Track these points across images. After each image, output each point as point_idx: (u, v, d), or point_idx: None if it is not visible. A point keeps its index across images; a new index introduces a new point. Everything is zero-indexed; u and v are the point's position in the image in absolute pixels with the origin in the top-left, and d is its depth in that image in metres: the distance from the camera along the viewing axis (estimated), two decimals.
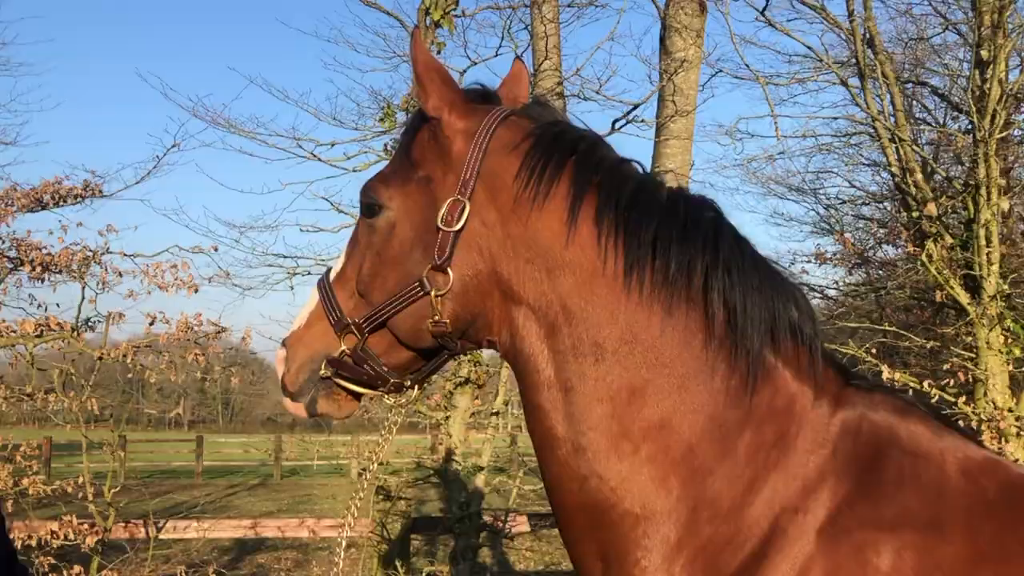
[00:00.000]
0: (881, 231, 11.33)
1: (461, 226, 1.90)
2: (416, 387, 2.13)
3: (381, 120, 6.47)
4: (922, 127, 9.80)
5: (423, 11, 5.87)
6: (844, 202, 11.72)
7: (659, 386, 1.83)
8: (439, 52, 6.02)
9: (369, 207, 2.04)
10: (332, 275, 2.16)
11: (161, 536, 7.04)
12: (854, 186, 13.66)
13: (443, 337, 1.98)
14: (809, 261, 14.52)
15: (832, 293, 13.31)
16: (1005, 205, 7.16)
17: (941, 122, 9.93)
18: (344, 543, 2.21)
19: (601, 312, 1.85)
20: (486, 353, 5.75)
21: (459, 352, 2.10)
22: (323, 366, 2.09)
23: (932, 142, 9.57)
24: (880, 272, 11.24)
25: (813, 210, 14.12)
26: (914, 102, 11.45)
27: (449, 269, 1.91)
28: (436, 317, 1.93)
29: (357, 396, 2.15)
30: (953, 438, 1.89)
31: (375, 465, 2.43)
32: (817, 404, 1.86)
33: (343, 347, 2.07)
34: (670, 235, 1.85)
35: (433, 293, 1.91)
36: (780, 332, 1.86)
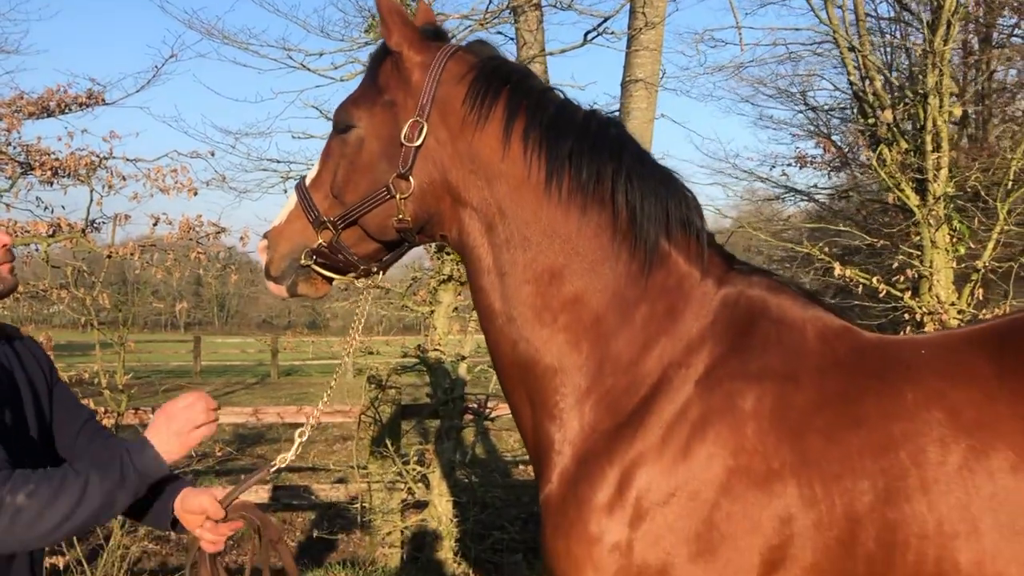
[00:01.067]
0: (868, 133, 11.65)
1: (420, 142, 2.34)
2: (380, 272, 2.59)
3: (367, 31, 6.79)
4: (883, 36, 10.04)
5: None
6: (831, 109, 11.99)
7: (574, 270, 2.32)
8: None
9: (342, 124, 2.45)
10: (308, 180, 2.55)
11: None
12: (839, 89, 13.94)
13: (405, 232, 2.44)
14: (790, 164, 14.92)
15: (820, 198, 13.70)
16: (958, 112, 7.54)
17: (903, 29, 10.18)
18: (307, 433, 2.56)
19: (528, 212, 2.32)
20: None
21: (416, 244, 2.56)
22: (303, 256, 2.50)
23: (891, 46, 9.82)
24: (860, 174, 11.62)
25: (801, 113, 14.39)
26: (876, 8, 11.62)
27: (411, 177, 2.35)
28: (400, 216, 2.39)
29: (330, 280, 2.57)
30: (815, 310, 2.39)
31: (350, 356, 2.84)
32: (703, 283, 2.35)
33: (320, 240, 2.48)
34: (582, 149, 2.31)
35: (398, 197, 2.36)
36: (673, 226, 2.35)
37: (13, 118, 6.37)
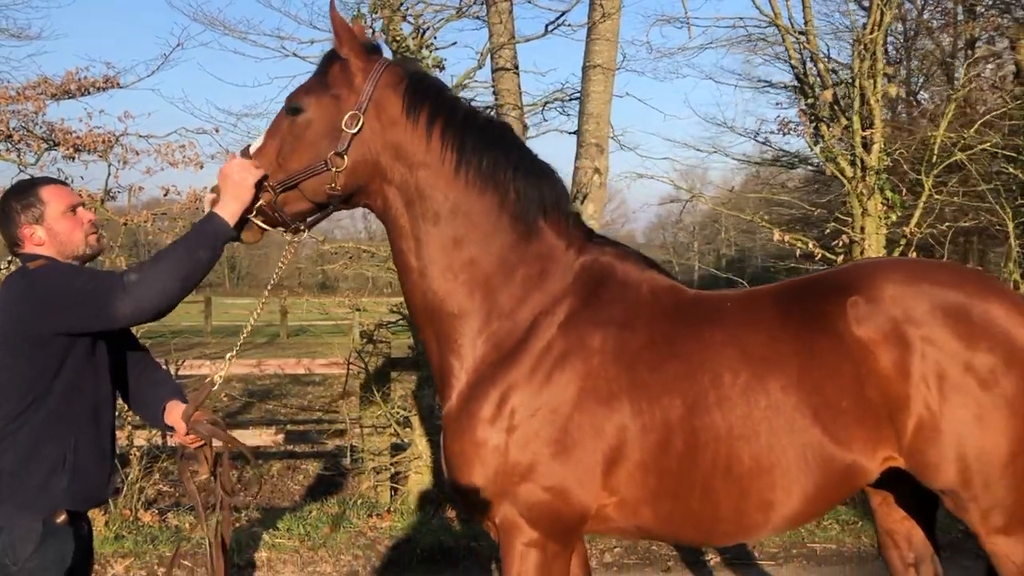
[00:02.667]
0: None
1: (357, 130, 2.99)
2: (306, 230, 3.22)
3: (353, 20, 7.53)
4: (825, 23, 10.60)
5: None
6: (786, 87, 12.59)
7: (472, 239, 3.06)
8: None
9: (294, 108, 3.05)
10: (252, 150, 3.07)
11: (181, 373, 8.37)
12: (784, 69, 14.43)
13: (333, 198, 3.07)
14: (773, 133, 15.56)
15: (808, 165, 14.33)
16: (893, 92, 8.24)
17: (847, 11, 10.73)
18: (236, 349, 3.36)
19: (440, 194, 3.04)
20: None
21: (340, 209, 3.18)
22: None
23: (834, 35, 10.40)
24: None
25: (757, 89, 14.98)
26: None
27: (345, 156, 2.99)
28: (333, 185, 3.02)
29: (263, 231, 3.11)
30: (651, 273, 3.18)
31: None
32: (567, 252, 3.12)
33: (262, 201, 3.02)
34: (483, 146, 3.04)
35: (333, 170, 2.99)
36: (547, 207, 3.11)
37: (40, 100, 7.13)
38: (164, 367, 3.47)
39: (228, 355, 3.36)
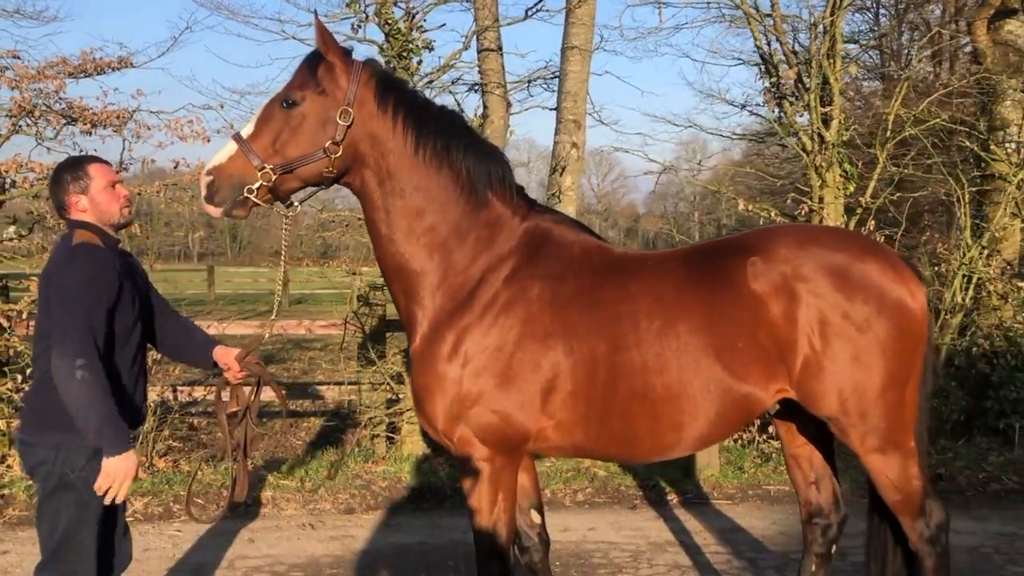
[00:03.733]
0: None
1: (349, 123, 3.54)
2: (299, 205, 3.78)
3: (348, 5, 8.09)
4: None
5: None
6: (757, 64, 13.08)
7: (431, 210, 3.64)
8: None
9: (290, 102, 3.53)
10: (245, 134, 3.48)
11: None
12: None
13: (326, 180, 3.63)
14: (759, 104, 16.09)
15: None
16: (853, 70, 8.80)
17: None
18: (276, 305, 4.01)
19: (405, 174, 3.62)
20: None
21: (328, 187, 3.76)
22: (244, 190, 3.44)
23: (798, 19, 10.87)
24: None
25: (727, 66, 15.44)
26: None
27: (339, 145, 3.55)
28: (329, 168, 3.57)
29: (256, 205, 3.51)
30: (584, 235, 3.80)
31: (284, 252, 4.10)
32: (512, 219, 3.72)
33: (260, 181, 3.44)
34: (437, 131, 3.61)
35: (331, 157, 3.54)
36: (494, 182, 3.72)
37: (60, 79, 7.71)
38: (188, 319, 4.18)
39: (271, 316, 4.15)
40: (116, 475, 3.38)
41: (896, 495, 3.73)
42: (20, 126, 7.92)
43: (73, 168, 3.65)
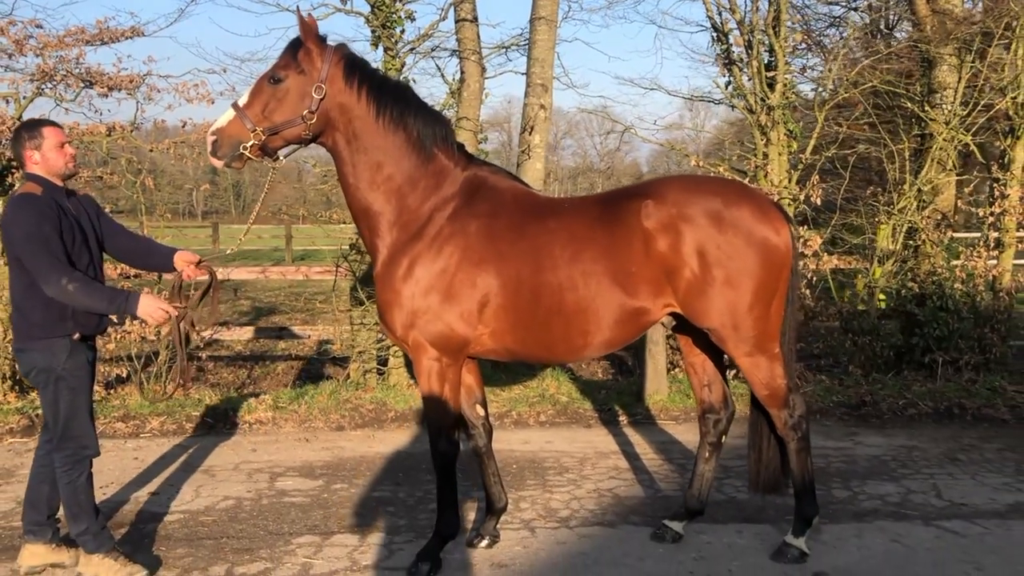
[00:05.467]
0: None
1: (323, 96, 4.43)
2: (283, 158, 4.65)
3: None
4: None
5: None
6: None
7: (388, 163, 4.53)
8: None
9: (276, 79, 4.42)
10: (241, 103, 4.32)
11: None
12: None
13: (303, 140, 4.51)
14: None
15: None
16: (798, 38, 9.61)
17: None
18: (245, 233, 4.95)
19: (367, 136, 4.51)
20: None
21: (306, 145, 4.65)
22: (240, 147, 4.30)
23: None
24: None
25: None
26: None
27: (314, 113, 4.44)
28: (306, 131, 4.47)
29: (248, 159, 4.37)
30: (514, 183, 4.73)
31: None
32: (455, 170, 4.62)
33: (253, 140, 4.29)
34: (394, 101, 4.50)
35: (308, 122, 4.44)
36: (439, 139, 4.60)
37: (80, 47, 8.59)
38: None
39: (242, 232, 5.04)
40: (151, 311, 4.36)
41: (764, 391, 4.68)
42: (43, 90, 8.82)
43: (30, 129, 4.46)
